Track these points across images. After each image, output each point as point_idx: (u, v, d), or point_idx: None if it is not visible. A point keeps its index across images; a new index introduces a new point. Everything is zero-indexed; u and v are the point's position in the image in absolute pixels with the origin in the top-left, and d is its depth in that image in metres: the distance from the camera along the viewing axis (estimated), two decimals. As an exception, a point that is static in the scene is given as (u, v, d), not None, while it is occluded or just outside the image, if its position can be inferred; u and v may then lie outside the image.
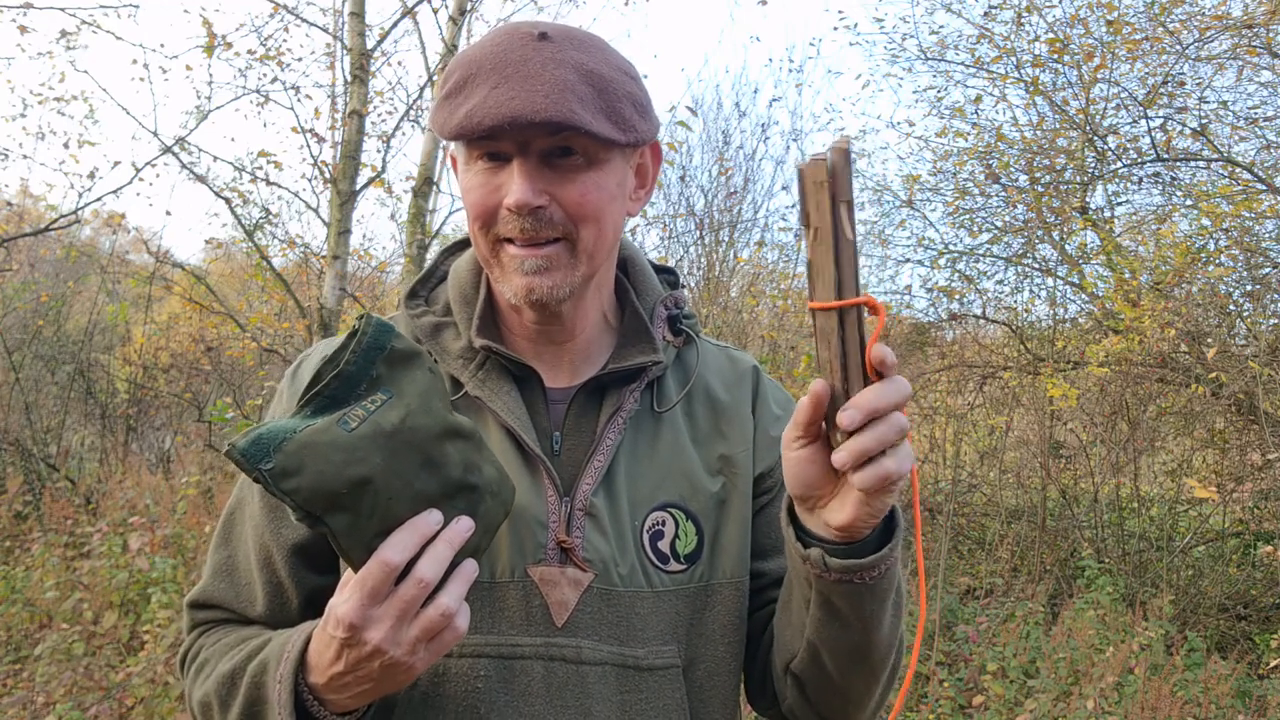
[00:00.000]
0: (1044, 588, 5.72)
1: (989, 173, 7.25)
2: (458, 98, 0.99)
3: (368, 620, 0.85)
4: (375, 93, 6.57)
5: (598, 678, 1.01)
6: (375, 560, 0.84)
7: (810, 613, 0.99)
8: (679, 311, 1.17)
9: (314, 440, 0.83)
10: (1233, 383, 5.54)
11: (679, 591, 1.06)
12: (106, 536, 4.93)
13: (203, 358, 8.38)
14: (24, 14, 6.54)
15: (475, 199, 1.01)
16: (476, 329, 1.09)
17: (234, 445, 0.82)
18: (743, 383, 1.18)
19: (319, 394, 0.88)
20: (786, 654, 1.06)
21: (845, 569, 0.92)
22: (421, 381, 0.92)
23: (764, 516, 1.14)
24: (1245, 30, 6.17)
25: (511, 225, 1.00)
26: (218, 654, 1.05)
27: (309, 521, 0.84)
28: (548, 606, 1.01)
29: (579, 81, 0.97)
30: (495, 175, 1.00)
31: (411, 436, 0.88)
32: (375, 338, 0.91)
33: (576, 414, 1.09)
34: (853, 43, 13.41)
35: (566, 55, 0.98)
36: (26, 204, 9.84)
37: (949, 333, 7.90)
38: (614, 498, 1.06)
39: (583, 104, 0.96)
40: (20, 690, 3.99)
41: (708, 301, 7.02)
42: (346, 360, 0.89)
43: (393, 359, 0.91)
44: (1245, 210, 5.87)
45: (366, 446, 0.85)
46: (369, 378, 0.90)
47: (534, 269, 1.01)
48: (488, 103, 0.95)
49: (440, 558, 0.87)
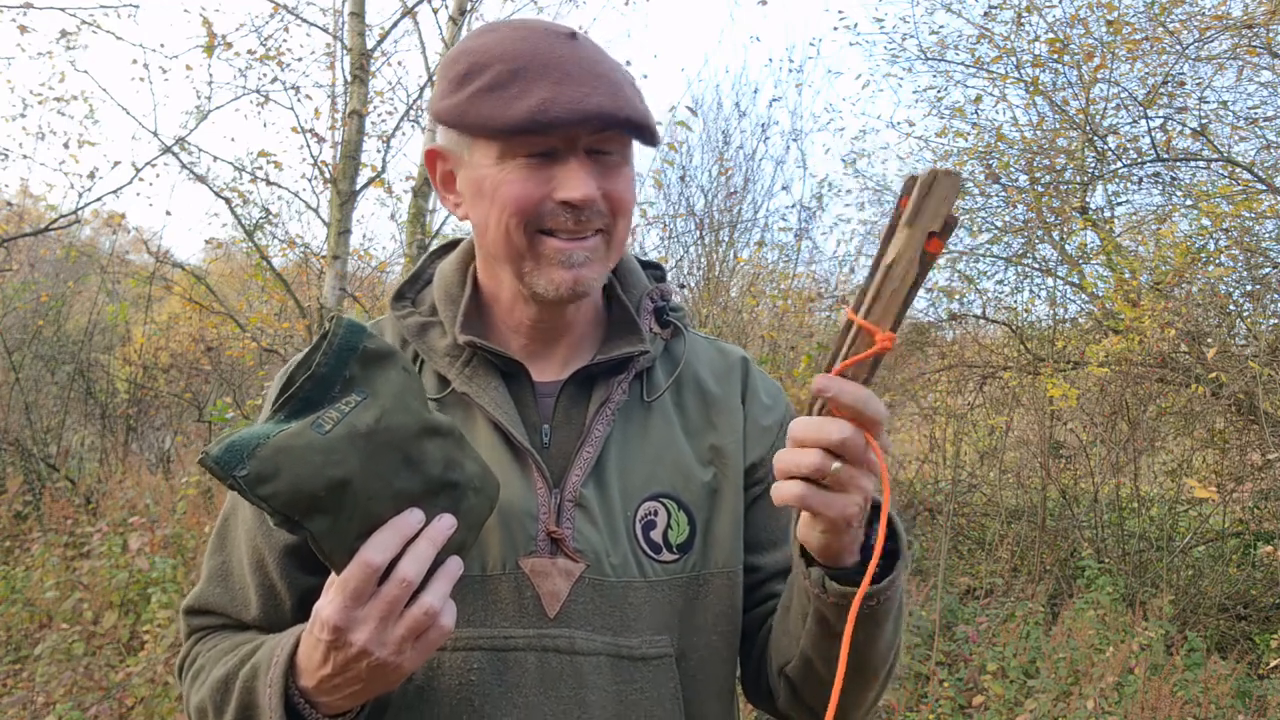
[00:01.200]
0: (1044, 588, 5.72)
1: (989, 173, 7.25)
2: (507, 90, 0.98)
3: (352, 622, 0.85)
4: (375, 93, 6.57)
5: (591, 668, 1.01)
6: (357, 562, 0.84)
7: (807, 626, 0.99)
8: (665, 304, 1.17)
9: (288, 444, 0.82)
10: (1233, 383, 5.54)
11: (671, 581, 1.06)
12: (106, 536, 4.93)
13: (203, 358, 8.38)
14: (24, 14, 6.55)
15: (518, 192, 1.00)
16: (460, 325, 1.09)
17: (207, 453, 0.81)
18: (732, 374, 1.19)
19: (292, 397, 0.87)
20: (782, 657, 1.06)
21: (843, 595, 0.91)
22: (396, 381, 0.91)
23: (757, 509, 1.15)
24: (1245, 30, 6.17)
25: (563, 219, 1.01)
26: (212, 660, 1.05)
27: (288, 526, 0.83)
28: (540, 598, 1.02)
29: (625, 83, 1.01)
30: (541, 170, 1.00)
31: (389, 436, 0.87)
32: (347, 339, 0.90)
33: (565, 406, 1.10)
34: (853, 43, 13.42)
35: (604, 57, 1.02)
36: (26, 204, 9.85)
37: (949, 333, 7.90)
38: (604, 488, 1.06)
39: (640, 104, 1.01)
40: (20, 690, 3.99)
41: (708, 301, 7.02)
42: (318, 362, 0.88)
43: (366, 359, 0.90)
44: (1245, 210, 5.87)
45: (343, 448, 0.84)
46: (342, 379, 0.89)
47: (580, 261, 1.02)
48: (561, 99, 0.96)
49: (422, 556, 0.87)
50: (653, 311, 1.16)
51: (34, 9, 6.44)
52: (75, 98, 7.64)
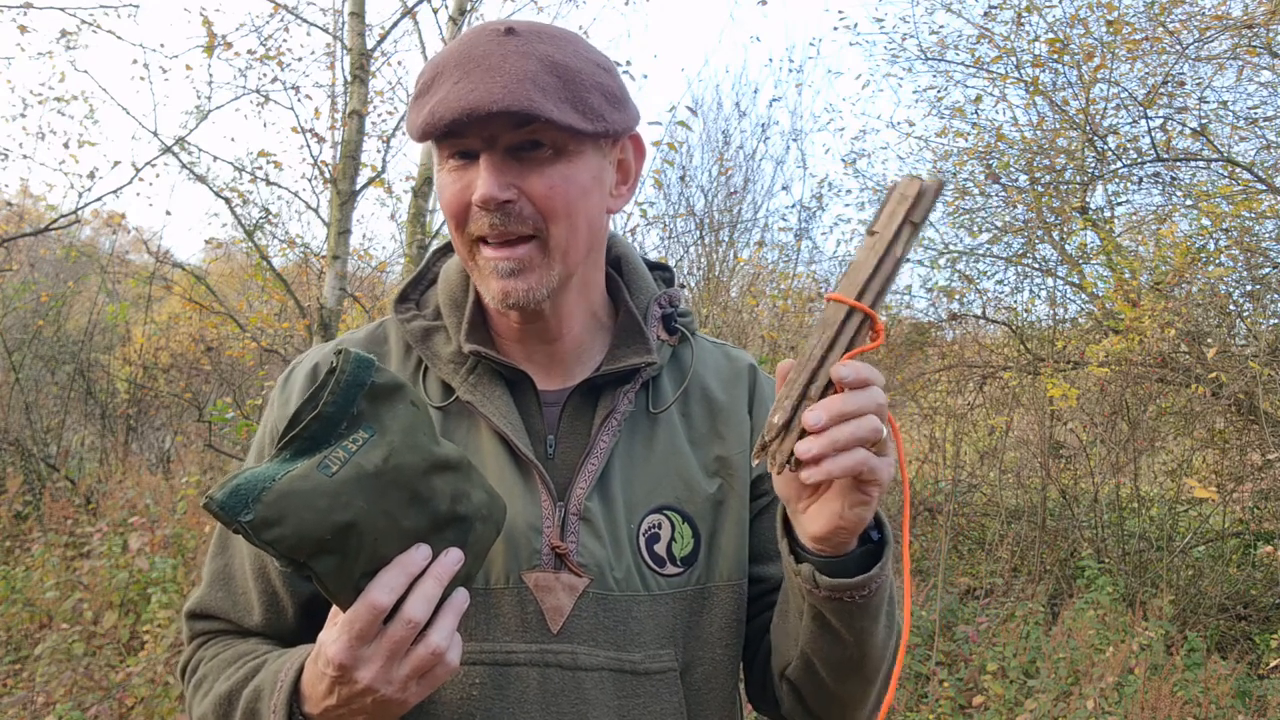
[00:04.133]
0: (1044, 588, 5.73)
1: (989, 173, 7.25)
2: (425, 97, 0.98)
3: (358, 660, 0.85)
4: (375, 93, 6.57)
5: (594, 684, 1.00)
6: (362, 602, 0.83)
7: (803, 624, 0.99)
8: (674, 310, 1.15)
9: (294, 488, 0.81)
10: (1233, 383, 5.54)
11: (676, 595, 1.05)
12: (106, 536, 4.93)
13: (203, 358, 8.38)
14: (24, 14, 6.54)
15: (447, 198, 1.00)
16: (465, 333, 1.07)
17: (211, 498, 0.80)
18: (739, 381, 1.17)
19: (298, 436, 0.85)
20: (782, 661, 1.06)
21: (834, 587, 0.91)
22: (405, 416, 0.89)
23: (763, 520, 1.13)
24: (1245, 30, 6.17)
25: (482, 222, 0.98)
26: (215, 670, 1.04)
27: (294, 568, 0.82)
28: (543, 613, 1.00)
29: (542, 72, 0.95)
30: (465, 173, 0.99)
31: (397, 475, 0.86)
32: (355, 374, 0.87)
33: (570, 416, 1.08)
34: (853, 43, 13.42)
35: (532, 48, 0.97)
36: (26, 204, 9.85)
37: (949, 333, 7.90)
38: (609, 501, 1.05)
39: (544, 93, 0.94)
40: (20, 690, 3.99)
41: (708, 301, 7.02)
42: (325, 401, 0.86)
43: (375, 394, 0.88)
44: (1245, 210, 5.87)
45: (349, 490, 0.83)
46: (350, 415, 0.87)
47: (508, 272, 0.99)
48: (448, 98, 0.94)
49: (429, 596, 0.86)
50: (660, 318, 1.14)
51: (34, 9, 6.44)
52: (75, 98, 7.63)
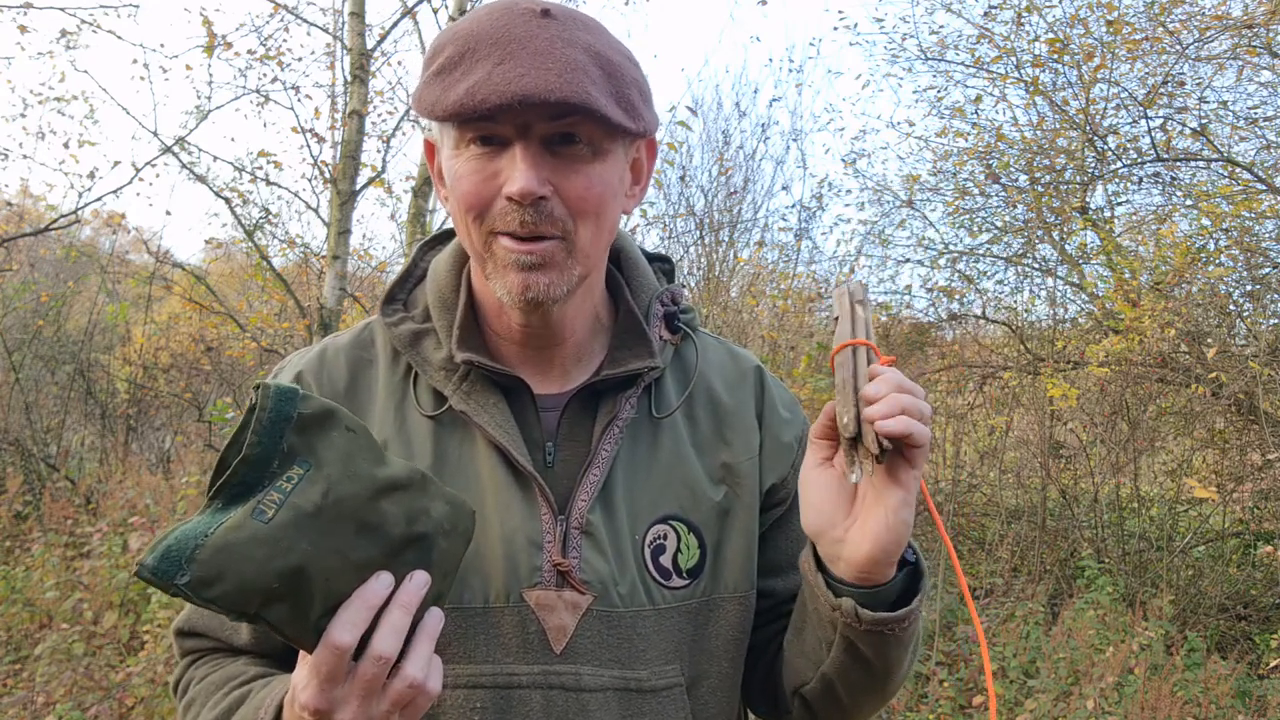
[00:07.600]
0: (1044, 588, 5.72)
1: (989, 173, 7.25)
2: (453, 74, 0.90)
3: (333, 704, 0.80)
4: (375, 93, 6.57)
5: (599, 704, 0.97)
6: (324, 645, 0.78)
7: (832, 655, 0.97)
8: (676, 308, 1.10)
9: (229, 541, 0.75)
10: (1233, 383, 5.53)
11: (681, 608, 1.02)
12: (106, 536, 4.93)
13: (203, 358, 8.37)
14: (24, 14, 6.55)
15: (468, 187, 0.92)
16: (458, 341, 1.02)
17: (143, 564, 0.74)
18: (745, 383, 1.13)
19: (227, 483, 0.79)
20: (797, 679, 1.04)
21: (877, 621, 0.90)
22: (340, 444, 0.83)
23: (776, 531, 1.10)
24: (1245, 30, 6.16)
25: (510, 218, 0.91)
26: (203, 695, 1.01)
27: (245, 619, 0.78)
28: (545, 632, 0.96)
29: (590, 63, 0.89)
30: (491, 161, 0.92)
31: (339, 509, 0.80)
32: (277, 409, 0.81)
33: (570, 422, 1.03)
34: (853, 43, 13.41)
35: (574, 35, 0.91)
36: (26, 204, 9.84)
37: (949, 333, 7.90)
38: (612, 512, 1.00)
39: (596, 86, 0.88)
40: (20, 690, 3.98)
41: (708, 301, 7.02)
42: (249, 443, 0.79)
43: (303, 426, 0.82)
44: (1245, 210, 5.87)
45: (289, 535, 0.77)
46: (279, 453, 0.80)
47: (530, 265, 0.92)
48: (493, 80, 0.87)
49: (397, 627, 0.81)
50: (663, 317, 1.09)
51: (34, 9, 6.45)
52: (75, 98, 7.65)
